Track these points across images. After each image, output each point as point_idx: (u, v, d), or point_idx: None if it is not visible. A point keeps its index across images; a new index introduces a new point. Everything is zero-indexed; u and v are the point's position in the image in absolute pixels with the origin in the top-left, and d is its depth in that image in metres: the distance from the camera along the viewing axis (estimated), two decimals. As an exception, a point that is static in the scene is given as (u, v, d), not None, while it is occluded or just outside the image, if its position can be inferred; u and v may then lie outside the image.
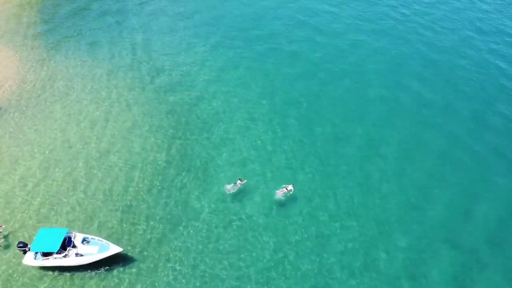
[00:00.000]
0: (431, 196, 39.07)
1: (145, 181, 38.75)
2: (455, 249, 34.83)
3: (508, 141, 44.91)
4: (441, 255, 34.39)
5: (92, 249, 32.43)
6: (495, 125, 46.74)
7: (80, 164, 40.06)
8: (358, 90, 50.93)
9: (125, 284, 31.55)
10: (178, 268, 32.68)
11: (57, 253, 31.51)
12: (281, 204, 37.54)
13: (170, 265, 32.81)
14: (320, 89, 50.78)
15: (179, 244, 34.21)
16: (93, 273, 31.94)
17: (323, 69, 53.99)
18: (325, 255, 34.08)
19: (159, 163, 40.46)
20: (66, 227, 34.34)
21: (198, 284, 31.87)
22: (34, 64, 52.35)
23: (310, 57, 56.12)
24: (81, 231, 34.17)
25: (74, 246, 32.46)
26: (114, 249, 32.35)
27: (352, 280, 32.48)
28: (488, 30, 63.00)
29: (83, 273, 31.89)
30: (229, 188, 38.22)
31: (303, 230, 35.75)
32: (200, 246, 34.16)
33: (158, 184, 38.56)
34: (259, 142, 43.46)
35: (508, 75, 53.92)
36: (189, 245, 34.17)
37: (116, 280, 31.70)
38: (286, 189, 37.65)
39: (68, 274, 31.83)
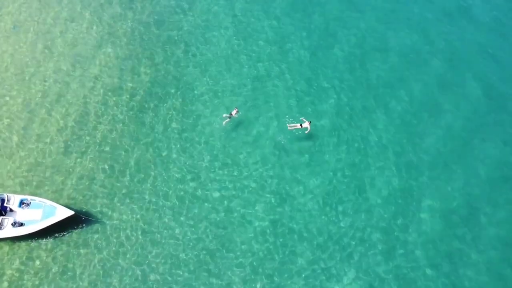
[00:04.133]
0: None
1: (104, 115, 29.26)
2: None
3: None
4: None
5: (34, 214, 24.45)
6: None
7: (23, 95, 30.37)
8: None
9: (80, 255, 24.00)
10: (146, 229, 24.87)
11: (-15, 224, 23.76)
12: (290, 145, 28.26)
13: (136, 229, 24.93)
14: None
15: (148, 200, 25.95)
16: (37, 241, 24.28)
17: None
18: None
19: (124, 90, 30.52)
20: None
21: (170, 251, 24.24)
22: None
23: None
24: (18, 191, 25.86)
25: (10, 212, 24.52)
26: (63, 212, 24.31)
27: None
28: None
29: (25, 242, 24.24)
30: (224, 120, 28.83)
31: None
32: (175, 211, 25.90)
33: (120, 120, 29.12)
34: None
35: None
36: (160, 205, 25.87)
37: (66, 250, 24.08)
38: (301, 125, 27.81)
39: (4, 244, 24.26)
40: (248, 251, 24.41)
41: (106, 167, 26.99)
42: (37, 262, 23.62)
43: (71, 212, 24.28)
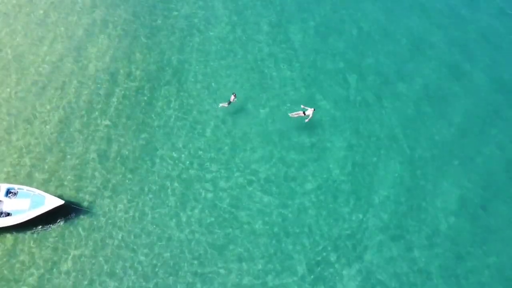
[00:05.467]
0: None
1: (97, 105, 28.45)
2: None
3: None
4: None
5: (21, 203, 23.56)
6: None
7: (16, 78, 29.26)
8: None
9: (70, 245, 23.21)
10: (136, 219, 24.28)
11: (-30, 215, 22.78)
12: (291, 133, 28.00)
13: (127, 218, 24.31)
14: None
15: (140, 190, 25.33)
16: (24, 232, 23.40)
17: None
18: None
19: (117, 79, 29.75)
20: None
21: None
22: None
23: None
24: (3, 179, 24.90)
25: (-4, 201, 23.62)
26: (52, 201, 23.51)
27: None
28: None
29: (12, 233, 23.32)
30: (221, 106, 28.49)
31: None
32: (168, 200, 25.38)
33: (113, 110, 28.36)
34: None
35: None
36: (153, 194, 25.32)
37: (55, 241, 23.28)
38: (304, 113, 27.46)
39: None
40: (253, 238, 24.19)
41: (97, 156, 26.26)
42: (25, 253, 22.80)
43: (61, 202, 23.51)
